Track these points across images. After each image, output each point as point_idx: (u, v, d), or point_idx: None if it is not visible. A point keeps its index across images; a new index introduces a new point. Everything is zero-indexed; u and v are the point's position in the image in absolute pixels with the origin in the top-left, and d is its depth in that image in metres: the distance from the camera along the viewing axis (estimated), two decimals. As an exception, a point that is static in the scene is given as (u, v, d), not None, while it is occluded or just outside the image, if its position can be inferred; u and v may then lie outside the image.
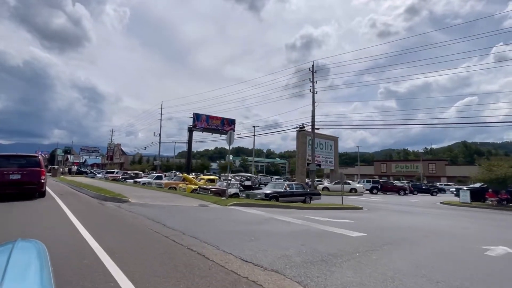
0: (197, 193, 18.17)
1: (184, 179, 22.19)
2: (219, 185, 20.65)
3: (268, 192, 14.40)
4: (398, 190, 32.70)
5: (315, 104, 28.03)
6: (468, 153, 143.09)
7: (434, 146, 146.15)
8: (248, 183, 24.20)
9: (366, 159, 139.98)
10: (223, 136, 58.02)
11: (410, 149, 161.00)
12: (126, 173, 32.71)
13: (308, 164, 35.69)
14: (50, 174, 32.60)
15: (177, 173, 35.19)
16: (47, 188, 12.93)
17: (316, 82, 28.45)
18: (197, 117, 53.12)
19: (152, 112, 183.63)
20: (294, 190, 15.58)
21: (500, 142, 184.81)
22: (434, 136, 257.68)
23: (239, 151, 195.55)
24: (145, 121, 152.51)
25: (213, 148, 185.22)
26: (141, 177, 30.67)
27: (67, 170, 34.56)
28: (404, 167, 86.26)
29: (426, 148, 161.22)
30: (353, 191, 29.16)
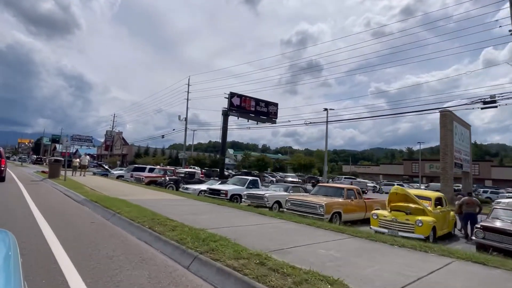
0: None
1: (391, 199, 9.64)
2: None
3: None
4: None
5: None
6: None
7: (415, 147, 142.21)
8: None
9: (355, 156, 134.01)
10: (260, 124, 46.10)
11: (397, 148, 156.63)
12: (173, 172, 19.90)
13: (456, 164, 24.83)
14: (47, 172, 17.79)
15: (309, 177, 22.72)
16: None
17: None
18: (234, 97, 40.96)
19: (141, 104, 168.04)
20: None
21: (486, 144, 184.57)
22: (421, 136, 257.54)
23: (233, 145, 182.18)
24: (133, 112, 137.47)
25: (206, 142, 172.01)
26: (208, 179, 18.37)
27: (78, 163, 19.91)
28: (438, 167, 77.98)
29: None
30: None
